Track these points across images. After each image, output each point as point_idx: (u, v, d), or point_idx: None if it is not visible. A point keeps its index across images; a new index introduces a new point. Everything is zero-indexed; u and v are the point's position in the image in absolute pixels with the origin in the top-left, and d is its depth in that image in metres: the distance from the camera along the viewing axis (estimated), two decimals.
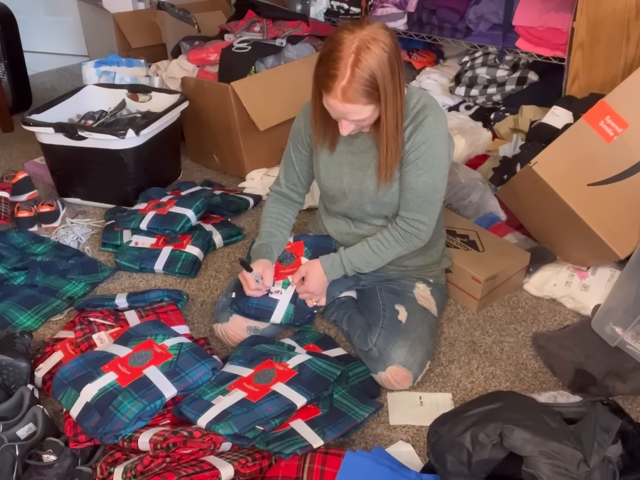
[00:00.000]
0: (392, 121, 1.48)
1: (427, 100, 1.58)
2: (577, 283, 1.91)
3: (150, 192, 2.38)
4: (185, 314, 1.91)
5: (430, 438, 1.32)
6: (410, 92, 1.58)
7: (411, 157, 1.56)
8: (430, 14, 2.88)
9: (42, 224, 2.37)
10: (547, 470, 1.13)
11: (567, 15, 2.41)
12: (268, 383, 1.50)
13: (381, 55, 1.39)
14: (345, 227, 1.77)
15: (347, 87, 1.40)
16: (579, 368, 1.62)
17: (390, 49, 1.40)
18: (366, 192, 1.65)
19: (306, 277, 1.68)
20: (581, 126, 1.83)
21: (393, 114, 1.47)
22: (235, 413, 1.40)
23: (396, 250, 1.67)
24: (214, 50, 2.71)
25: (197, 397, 1.47)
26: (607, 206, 1.79)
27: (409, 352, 1.60)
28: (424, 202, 1.60)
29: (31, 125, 2.34)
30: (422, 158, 1.55)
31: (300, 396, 1.45)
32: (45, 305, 1.90)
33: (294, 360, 1.57)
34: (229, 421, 1.37)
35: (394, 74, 1.42)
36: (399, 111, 1.48)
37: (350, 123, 1.50)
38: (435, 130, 1.55)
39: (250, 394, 1.47)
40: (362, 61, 1.38)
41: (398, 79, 1.44)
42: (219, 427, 1.36)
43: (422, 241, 1.67)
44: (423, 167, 1.56)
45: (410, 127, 1.55)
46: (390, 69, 1.41)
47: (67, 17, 4.22)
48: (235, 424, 1.37)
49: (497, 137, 2.69)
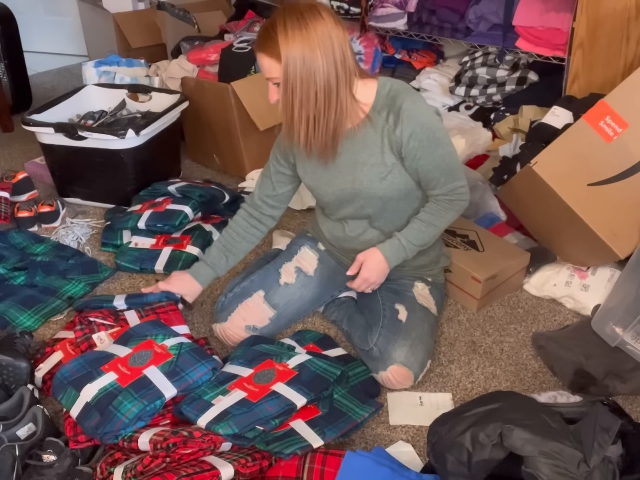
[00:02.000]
0: (297, 90, 1.43)
1: (400, 85, 1.58)
2: (577, 283, 1.91)
3: (143, 192, 2.38)
4: (185, 314, 1.91)
5: (430, 438, 1.32)
6: (382, 82, 1.57)
7: (416, 145, 1.54)
8: (430, 14, 2.88)
9: (42, 224, 2.37)
10: (547, 470, 1.13)
11: (567, 15, 2.41)
12: (268, 383, 1.49)
13: (292, 19, 1.39)
14: (340, 231, 1.76)
15: (259, 35, 1.45)
16: (579, 368, 1.61)
17: (309, 19, 1.39)
18: (360, 189, 1.62)
19: (363, 265, 1.66)
20: (581, 126, 1.83)
21: (298, 82, 1.42)
22: (235, 413, 1.40)
23: (448, 217, 1.67)
24: (214, 50, 2.71)
25: (197, 397, 1.46)
26: (607, 206, 1.79)
27: (409, 351, 1.60)
28: (450, 171, 1.60)
29: (31, 125, 2.34)
30: (426, 139, 1.54)
31: (300, 396, 1.45)
32: (45, 305, 1.90)
33: (294, 360, 1.56)
34: (229, 421, 1.37)
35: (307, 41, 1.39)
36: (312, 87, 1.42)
37: (271, 87, 1.49)
38: (420, 109, 1.54)
39: (250, 394, 1.46)
40: (275, 18, 1.41)
41: (319, 50, 1.39)
42: (219, 427, 1.36)
43: (466, 202, 1.68)
44: (432, 145, 1.55)
45: (391, 116, 1.53)
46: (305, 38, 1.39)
47: (67, 17, 4.22)
48: (235, 424, 1.36)
49: (497, 137, 2.69)
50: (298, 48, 1.39)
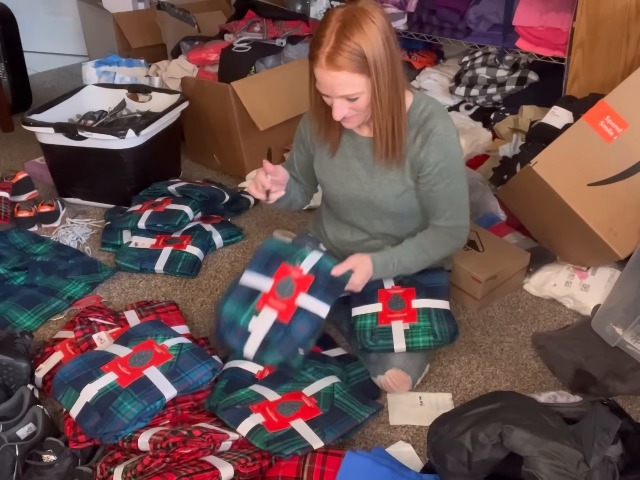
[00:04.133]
0: (385, 92, 1.41)
1: (435, 107, 1.55)
2: (577, 283, 1.91)
3: (143, 192, 2.39)
4: (185, 314, 1.91)
5: (430, 438, 1.32)
6: (417, 99, 1.55)
7: (435, 170, 1.54)
8: (430, 14, 2.87)
9: (42, 224, 2.37)
10: (547, 470, 1.13)
11: (567, 15, 2.41)
12: (291, 296, 1.54)
13: (368, 24, 1.35)
14: (347, 236, 1.76)
15: (332, 52, 1.35)
16: (579, 368, 1.61)
17: (380, 21, 1.37)
18: (374, 200, 1.63)
19: (356, 270, 1.63)
20: (581, 126, 1.83)
21: (386, 86, 1.40)
22: (274, 339, 1.50)
23: (442, 250, 1.66)
24: (214, 50, 2.71)
25: (232, 322, 1.53)
26: (607, 206, 1.79)
27: (408, 356, 1.59)
28: (459, 207, 1.61)
29: (31, 125, 2.34)
30: (446, 168, 1.54)
31: (323, 305, 1.52)
32: (45, 305, 1.90)
33: (307, 263, 1.57)
34: (273, 350, 1.49)
35: (385, 45, 1.38)
36: (392, 85, 1.42)
37: (342, 103, 1.43)
38: (450, 138, 1.53)
39: (280, 313, 1.53)
40: (347, 28, 1.35)
41: (390, 52, 1.39)
42: (267, 357, 1.50)
43: (463, 243, 1.68)
44: (451, 176, 1.55)
45: (420, 136, 1.52)
46: (382, 40, 1.37)
47: (67, 17, 4.22)
48: (279, 352, 1.49)
49: (497, 137, 2.68)
50: (373, 37, 1.35)
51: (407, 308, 1.63)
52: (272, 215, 2.45)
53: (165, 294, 2.02)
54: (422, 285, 1.68)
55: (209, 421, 1.44)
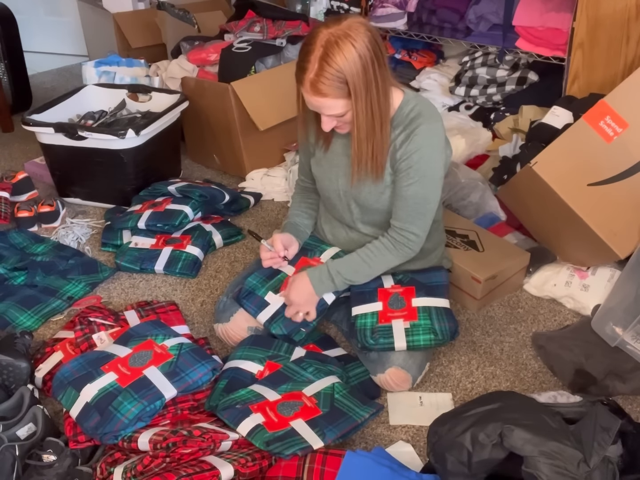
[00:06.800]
0: (363, 119, 1.45)
1: (424, 108, 1.54)
2: (577, 283, 1.91)
3: (143, 192, 2.39)
4: (185, 314, 1.91)
5: (430, 438, 1.32)
6: (407, 99, 1.55)
7: (403, 166, 1.53)
8: (430, 14, 2.87)
9: (42, 224, 2.37)
10: (547, 470, 1.13)
11: (567, 15, 2.41)
12: None
13: (349, 51, 1.37)
14: (342, 233, 1.77)
15: (315, 80, 1.40)
16: (579, 368, 1.62)
17: (361, 45, 1.38)
18: (358, 197, 1.63)
19: (289, 287, 1.64)
20: (581, 126, 1.83)
21: (365, 112, 1.44)
22: (283, 313, 1.65)
23: (386, 259, 1.62)
24: (214, 50, 2.71)
25: (252, 291, 1.70)
26: (607, 206, 1.79)
27: (408, 354, 1.60)
28: (413, 212, 1.57)
29: (31, 125, 2.34)
30: (414, 167, 1.52)
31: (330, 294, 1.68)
32: (45, 305, 1.90)
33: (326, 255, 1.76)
34: (279, 322, 1.65)
35: (366, 70, 1.39)
36: (375, 110, 1.45)
37: (329, 118, 1.48)
38: (429, 139, 1.52)
39: None
40: (329, 55, 1.37)
41: (373, 76, 1.41)
42: (272, 327, 1.65)
43: (412, 251, 1.62)
44: (415, 177, 1.53)
45: (402, 135, 1.52)
46: (362, 65, 1.39)
47: (67, 17, 4.22)
48: (284, 326, 1.64)
49: (497, 137, 2.68)
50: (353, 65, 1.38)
51: (407, 307, 1.64)
52: (272, 215, 2.45)
53: (165, 294, 2.02)
54: (421, 283, 1.69)
55: (209, 421, 1.45)
